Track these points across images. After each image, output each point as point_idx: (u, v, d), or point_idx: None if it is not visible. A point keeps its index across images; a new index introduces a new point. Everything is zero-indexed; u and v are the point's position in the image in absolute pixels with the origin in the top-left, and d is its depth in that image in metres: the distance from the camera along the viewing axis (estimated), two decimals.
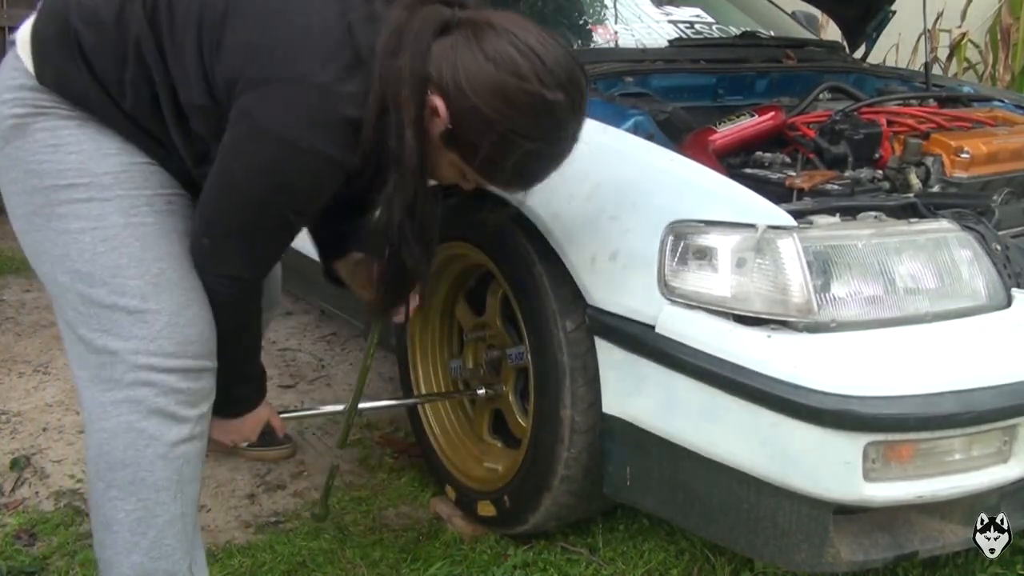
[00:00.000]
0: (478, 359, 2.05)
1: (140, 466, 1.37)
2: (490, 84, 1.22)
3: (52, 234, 1.38)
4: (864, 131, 1.81)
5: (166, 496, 1.40)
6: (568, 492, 1.74)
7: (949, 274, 1.48)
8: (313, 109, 1.25)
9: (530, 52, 1.23)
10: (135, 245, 1.37)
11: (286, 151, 1.27)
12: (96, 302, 1.36)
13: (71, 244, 1.36)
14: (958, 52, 4.65)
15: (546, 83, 1.23)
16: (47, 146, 1.37)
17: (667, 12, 2.65)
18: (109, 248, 1.36)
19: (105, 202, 1.37)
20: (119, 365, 1.36)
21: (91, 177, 1.36)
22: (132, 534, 1.39)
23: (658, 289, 1.49)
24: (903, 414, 1.33)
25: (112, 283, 1.36)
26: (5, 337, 3.08)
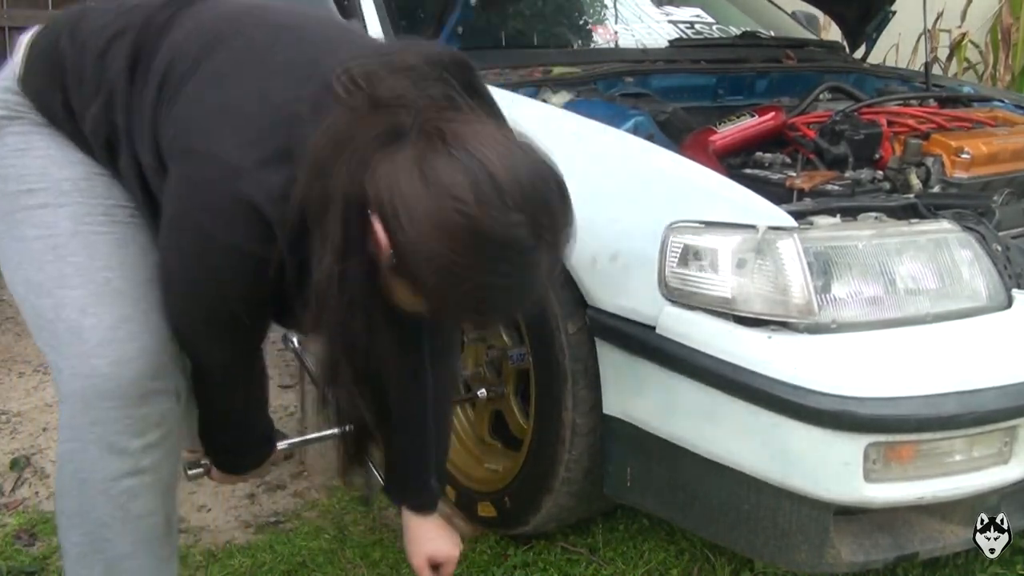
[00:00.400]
0: (479, 360, 2.05)
1: (83, 499, 1.25)
2: (428, 216, 0.99)
3: (11, 241, 1.31)
4: (864, 131, 1.81)
5: (110, 533, 1.26)
6: (569, 493, 1.74)
7: (950, 275, 1.48)
8: (217, 190, 1.12)
9: (483, 174, 1.00)
10: (83, 254, 1.26)
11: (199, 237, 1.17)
12: (43, 314, 1.26)
13: (24, 252, 1.29)
14: (958, 52, 4.65)
15: (496, 214, 0.99)
16: (16, 150, 1.34)
17: (667, 12, 2.66)
18: (57, 257, 1.26)
19: (59, 208, 1.29)
20: (61, 386, 1.24)
21: (50, 183, 1.30)
22: (81, 567, 1.28)
23: (659, 290, 1.49)
24: (904, 415, 1.33)
25: (57, 294, 1.25)
26: (5, 337, 3.08)
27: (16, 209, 1.31)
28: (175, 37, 1.25)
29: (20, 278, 1.31)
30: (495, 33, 2.27)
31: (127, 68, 1.26)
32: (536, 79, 1.96)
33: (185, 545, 1.93)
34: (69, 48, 1.32)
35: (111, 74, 1.27)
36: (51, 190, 1.30)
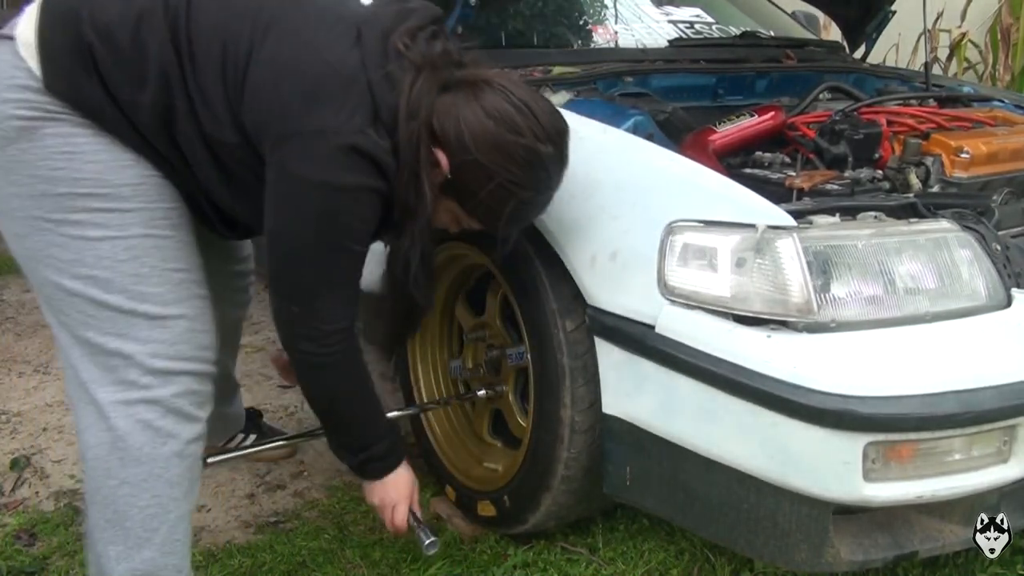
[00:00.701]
0: (478, 359, 2.05)
1: (156, 463, 1.41)
2: (490, 139, 1.35)
3: (62, 239, 1.38)
4: (864, 131, 1.81)
5: (178, 492, 1.44)
6: (568, 492, 1.74)
7: (949, 274, 1.48)
8: (335, 151, 1.32)
9: (525, 108, 1.37)
10: (156, 255, 1.41)
11: (328, 192, 1.34)
12: (112, 307, 1.38)
13: (86, 250, 1.37)
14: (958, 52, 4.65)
15: (539, 137, 1.37)
16: (60, 152, 1.36)
17: (667, 12, 2.66)
18: (131, 257, 1.38)
19: (126, 213, 1.38)
20: (134, 368, 1.39)
21: (110, 188, 1.37)
22: (144, 530, 1.42)
23: (658, 289, 1.49)
24: (903, 414, 1.33)
25: (132, 290, 1.38)
26: (5, 337, 3.08)
27: (70, 210, 1.37)
28: (210, 19, 1.37)
29: (75, 273, 1.38)
30: (495, 33, 2.27)
31: (173, 51, 1.35)
32: (536, 79, 1.96)
33: None
34: (96, 39, 1.34)
35: (155, 59, 1.35)
36: (113, 195, 1.38)
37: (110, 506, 1.42)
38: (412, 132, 1.34)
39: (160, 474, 1.41)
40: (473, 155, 1.35)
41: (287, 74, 1.34)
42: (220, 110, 1.37)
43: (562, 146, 1.42)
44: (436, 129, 1.36)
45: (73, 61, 1.35)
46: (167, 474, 1.42)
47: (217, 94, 1.36)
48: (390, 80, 1.35)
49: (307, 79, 1.34)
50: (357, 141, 1.32)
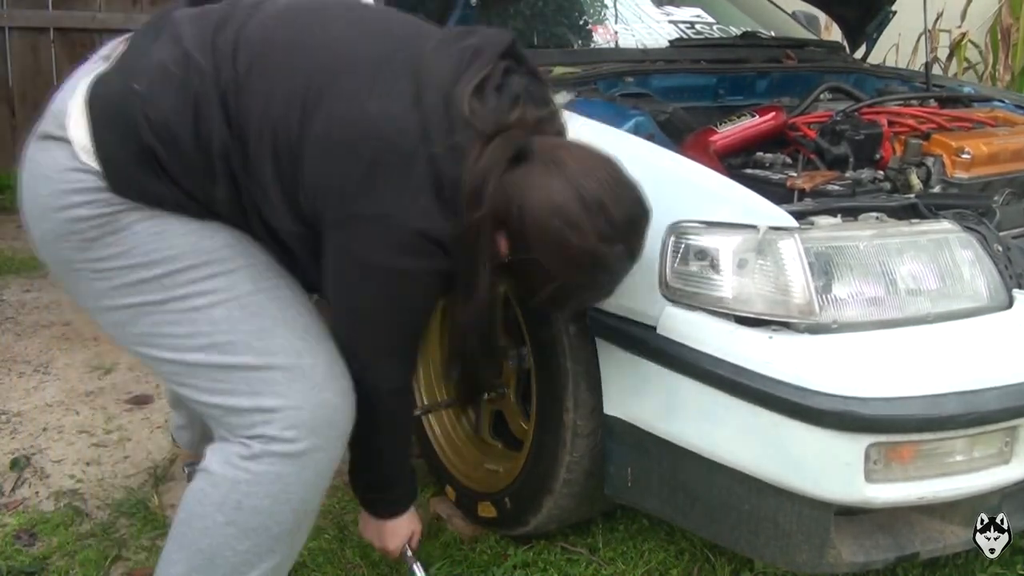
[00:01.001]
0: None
1: (272, 517, 1.33)
2: (552, 237, 1.24)
3: (172, 315, 1.32)
4: (865, 132, 1.81)
5: (279, 547, 1.37)
6: (569, 494, 1.74)
7: (950, 275, 1.48)
8: (399, 237, 1.27)
9: (596, 206, 1.24)
10: (273, 307, 1.35)
11: (395, 277, 1.30)
12: (242, 367, 1.32)
13: (200, 320, 1.32)
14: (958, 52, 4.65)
15: (606, 238, 1.26)
16: (151, 235, 1.31)
17: (667, 12, 2.66)
18: (249, 314, 1.33)
19: (231, 273, 1.33)
20: (276, 422, 1.31)
21: (208, 255, 1.33)
22: (233, 571, 1.35)
23: (659, 290, 1.49)
24: (905, 415, 1.33)
25: (259, 346, 1.32)
26: (5, 337, 3.08)
27: (173, 287, 1.32)
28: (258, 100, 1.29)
29: (194, 345, 1.32)
30: None
31: (231, 139, 1.30)
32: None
33: None
34: (157, 143, 1.28)
35: (218, 150, 1.29)
36: (213, 261, 1.33)
37: (207, 538, 1.34)
38: (476, 211, 1.24)
39: (270, 527, 1.34)
40: (533, 251, 1.27)
41: (342, 151, 1.26)
42: (275, 197, 1.31)
43: (635, 241, 1.32)
44: (500, 209, 1.25)
45: (140, 168, 1.29)
46: (276, 528, 1.35)
47: (272, 182, 1.30)
48: (455, 153, 1.24)
49: (364, 156, 1.25)
50: (423, 226, 1.25)
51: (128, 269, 1.32)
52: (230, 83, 1.29)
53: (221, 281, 1.33)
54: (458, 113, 1.25)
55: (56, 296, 3.39)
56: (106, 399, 2.62)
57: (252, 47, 1.31)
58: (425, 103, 1.26)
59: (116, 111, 1.30)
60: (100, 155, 1.29)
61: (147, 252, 1.31)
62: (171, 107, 1.28)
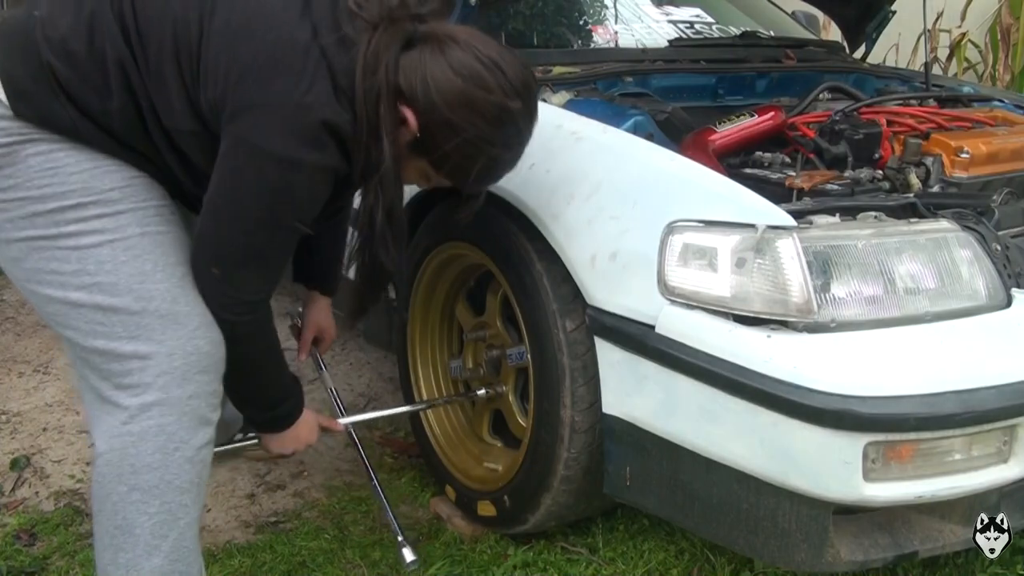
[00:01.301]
0: (478, 359, 2.05)
1: (168, 469, 1.38)
2: (459, 96, 1.32)
3: (61, 252, 1.36)
4: (864, 131, 1.81)
5: (188, 499, 1.41)
6: (568, 492, 1.74)
7: (949, 274, 1.48)
8: (301, 125, 1.30)
9: (492, 65, 1.34)
10: (156, 251, 1.38)
11: (287, 168, 1.31)
12: (122, 310, 1.36)
13: (87, 258, 1.35)
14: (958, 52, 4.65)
15: (508, 93, 1.34)
16: (44, 170, 1.35)
17: (667, 12, 2.66)
18: (132, 256, 1.36)
19: (119, 215, 1.37)
20: (150, 369, 1.36)
21: (97, 195, 1.36)
22: (153, 537, 1.40)
23: (658, 289, 1.49)
24: (903, 414, 1.33)
25: (139, 289, 1.36)
26: (5, 337, 3.08)
27: (62, 223, 1.35)
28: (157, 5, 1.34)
29: (79, 283, 1.36)
30: (495, 33, 2.26)
31: (126, 48, 1.33)
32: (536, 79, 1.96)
33: None
34: (55, 59, 1.33)
35: (113, 62, 1.33)
36: (102, 201, 1.36)
37: (119, 513, 1.40)
38: (372, 90, 1.30)
39: (171, 480, 1.39)
40: (442, 112, 1.32)
41: (241, 42, 1.31)
42: (176, 97, 1.34)
43: (531, 101, 1.40)
44: (403, 86, 1.32)
45: (38, 86, 1.34)
46: (178, 480, 1.39)
47: (173, 81, 1.34)
48: (345, 43, 1.32)
49: (262, 48, 1.30)
50: (327, 116, 1.29)
51: (22, 201, 1.35)
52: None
53: (109, 221, 1.36)
54: (344, 10, 1.33)
55: None
56: None
57: None
58: (314, 6, 1.33)
59: (18, 36, 1.36)
60: (3, 81, 1.34)
61: (40, 186, 1.34)
62: (67, 25, 1.33)
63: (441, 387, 2.14)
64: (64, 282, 1.37)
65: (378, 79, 1.30)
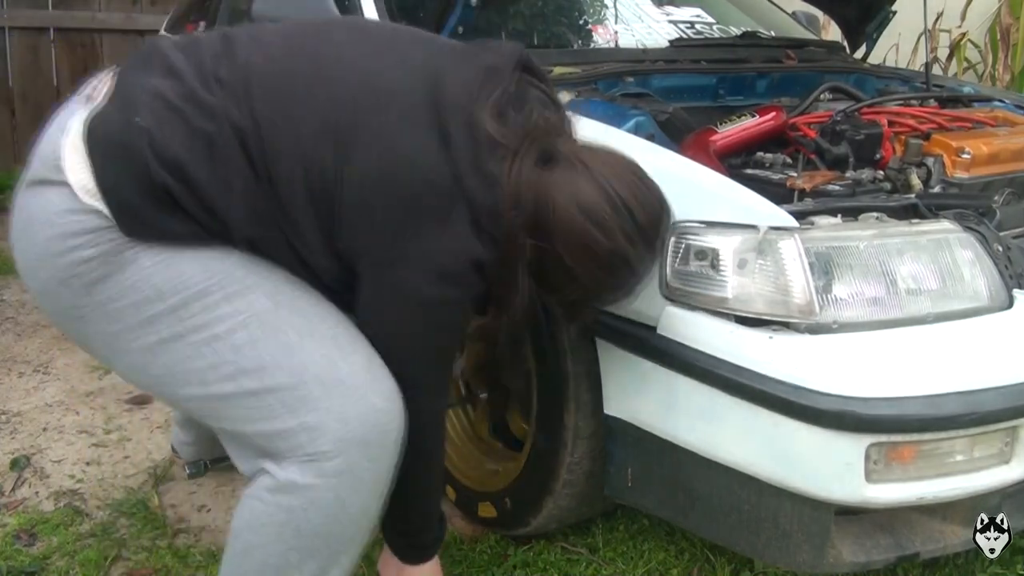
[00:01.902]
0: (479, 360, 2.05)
1: (333, 534, 1.30)
2: (581, 238, 1.26)
3: (191, 348, 1.25)
4: (865, 132, 1.81)
5: (347, 558, 1.36)
6: (570, 495, 1.74)
7: (951, 275, 1.48)
8: (447, 272, 1.27)
9: (623, 207, 1.27)
10: (296, 319, 1.28)
11: (438, 307, 1.30)
12: (273, 389, 1.24)
13: (222, 348, 1.25)
14: (958, 52, 4.65)
15: (631, 240, 1.28)
16: (158, 264, 1.24)
17: (667, 12, 2.66)
18: (272, 331, 1.26)
19: (246, 291, 1.26)
20: (322, 438, 1.24)
21: (220, 275, 1.26)
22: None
23: (659, 290, 1.49)
24: (905, 415, 1.33)
25: (288, 363, 1.25)
26: (5, 337, 3.08)
27: (187, 317, 1.25)
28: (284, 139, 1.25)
29: (221, 375, 1.26)
30: (495, 33, 2.26)
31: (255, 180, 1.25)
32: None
33: (185, 545, 1.93)
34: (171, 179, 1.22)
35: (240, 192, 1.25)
36: (226, 281, 1.26)
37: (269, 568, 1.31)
38: (516, 223, 1.26)
39: (331, 543, 1.31)
40: (559, 251, 1.27)
41: (382, 192, 1.24)
42: (311, 239, 1.27)
43: (657, 242, 1.35)
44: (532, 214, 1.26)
45: (154, 206, 1.23)
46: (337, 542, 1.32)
47: (307, 220, 1.26)
48: (488, 181, 1.25)
49: (404, 197, 1.24)
50: (473, 256, 1.25)
51: (137, 305, 1.25)
52: (247, 121, 1.24)
53: (238, 303, 1.26)
54: (483, 138, 1.25)
55: None
56: (106, 399, 2.62)
57: (264, 81, 1.27)
58: (452, 139, 1.25)
59: (120, 148, 1.23)
60: (108, 196, 1.22)
61: (156, 284, 1.24)
62: (182, 145, 1.23)
63: None
64: (204, 379, 1.26)
65: (524, 211, 1.25)
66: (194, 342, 1.25)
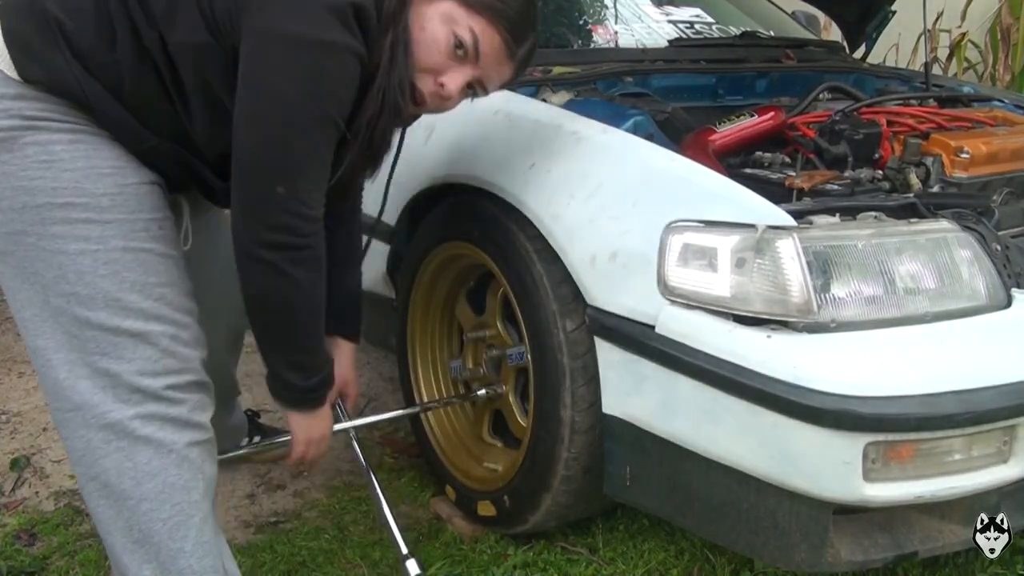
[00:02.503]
0: (478, 359, 2.05)
1: (167, 472, 1.37)
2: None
3: (45, 254, 1.33)
4: (864, 131, 1.81)
5: (196, 495, 1.41)
6: (568, 492, 1.74)
7: (949, 274, 1.48)
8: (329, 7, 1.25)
9: None
10: (137, 270, 1.35)
11: (321, 52, 1.27)
12: (96, 325, 1.34)
13: (68, 265, 1.33)
14: (958, 52, 4.65)
15: None
16: (39, 162, 1.32)
17: (667, 12, 2.66)
18: (111, 272, 1.34)
19: (105, 224, 1.34)
20: (121, 387, 1.35)
21: (88, 197, 1.33)
22: (173, 540, 1.39)
23: (658, 289, 1.49)
24: (903, 414, 1.33)
25: (114, 306, 1.34)
26: (5, 337, 3.08)
27: (51, 221, 1.32)
28: None
29: (59, 291, 1.33)
30: None
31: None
32: (536, 79, 1.96)
33: None
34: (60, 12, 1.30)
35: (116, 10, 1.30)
36: (91, 205, 1.33)
37: (134, 527, 1.38)
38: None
39: (174, 482, 1.38)
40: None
41: None
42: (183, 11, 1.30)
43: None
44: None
45: (43, 41, 1.30)
46: (180, 481, 1.38)
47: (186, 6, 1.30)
48: None
49: None
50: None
51: (15, 191, 1.32)
52: None
53: (95, 229, 1.33)
54: None
55: None
56: None
57: None
58: None
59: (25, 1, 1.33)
60: (8, 41, 1.31)
61: (31, 177, 1.31)
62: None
63: (441, 387, 2.14)
64: (46, 285, 1.34)
65: None
66: (48, 248, 1.33)
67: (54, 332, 1.35)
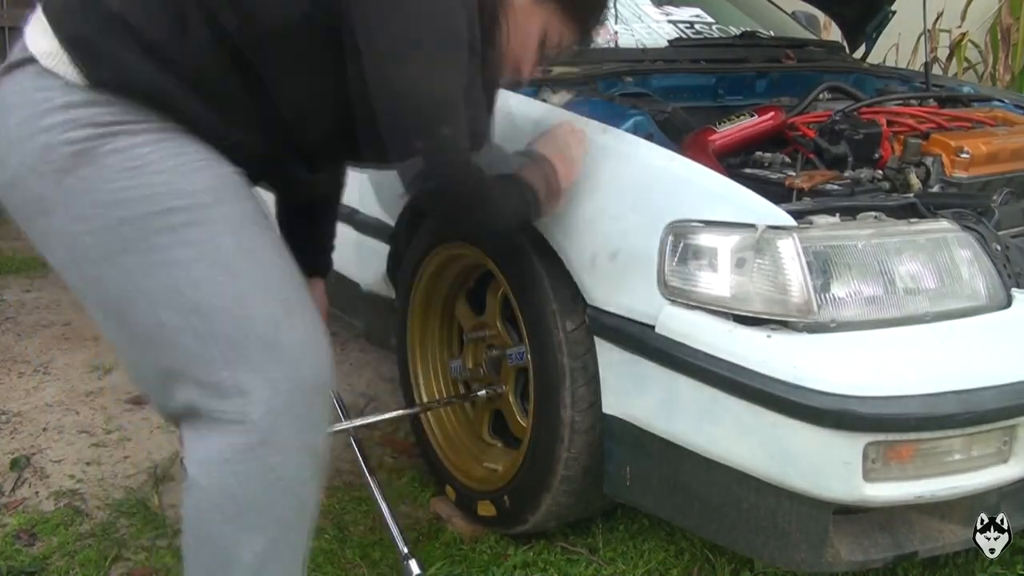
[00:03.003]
0: (478, 359, 2.05)
1: (275, 505, 1.25)
2: None
3: (155, 268, 1.20)
4: (864, 131, 1.81)
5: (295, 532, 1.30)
6: (568, 492, 1.74)
7: (949, 274, 1.48)
8: None
9: None
10: (256, 270, 1.24)
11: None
12: (217, 336, 1.20)
13: (183, 277, 1.20)
14: (958, 52, 4.65)
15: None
16: (125, 169, 1.19)
17: (667, 12, 2.65)
18: (230, 276, 1.21)
19: (213, 224, 1.22)
20: (253, 405, 1.20)
21: (188, 197, 1.21)
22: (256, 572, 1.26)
23: (658, 289, 1.49)
24: (903, 414, 1.33)
25: (240, 313, 1.21)
26: (5, 337, 3.08)
27: (154, 232, 1.20)
28: None
29: (174, 305, 1.20)
30: None
31: None
32: (536, 79, 1.96)
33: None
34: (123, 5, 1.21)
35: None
36: (193, 206, 1.21)
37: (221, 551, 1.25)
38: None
39: (278, 516, 1.26)
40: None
41: None
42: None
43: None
44: None
45: (109, 40, 1.20)
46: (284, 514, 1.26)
47: None
48: None
49: None
50: None
51: (101, 207, 1.21)
52: None
53: (203, 232, 1.22)
54: None
55: (56, 296, 3.40)
56: (106, 399, 2.62)
57: None
58: None
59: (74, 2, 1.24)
60: (68, 46, 1.20)
61: (120, 188, 1.20)
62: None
63: (441, 387, 2.14)
64: (156, 302, 1.21)
65: None
66: (158, 260, 1.21)
67: (168, 351, 1.23)
